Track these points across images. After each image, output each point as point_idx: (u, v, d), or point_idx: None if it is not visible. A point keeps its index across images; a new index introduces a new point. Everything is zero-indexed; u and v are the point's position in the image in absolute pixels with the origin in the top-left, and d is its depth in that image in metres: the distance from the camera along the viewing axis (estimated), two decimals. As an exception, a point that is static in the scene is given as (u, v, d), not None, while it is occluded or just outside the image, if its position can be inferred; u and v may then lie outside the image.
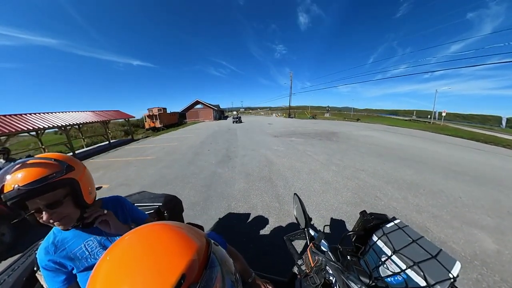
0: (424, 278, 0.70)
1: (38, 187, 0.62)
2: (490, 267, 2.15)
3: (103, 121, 12.89)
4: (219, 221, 3.12)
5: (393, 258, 0.80)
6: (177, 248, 0.37)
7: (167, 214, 1.58)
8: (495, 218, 3.08)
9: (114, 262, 0.35)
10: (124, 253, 0.36)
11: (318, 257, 0.65)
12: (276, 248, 2.44)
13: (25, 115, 8.96)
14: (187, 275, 0.33)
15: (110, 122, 14.97)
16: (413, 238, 0.88)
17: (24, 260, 1.04)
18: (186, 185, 4.72)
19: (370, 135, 12.11)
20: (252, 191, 4.17)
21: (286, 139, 10.87)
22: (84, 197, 0.75)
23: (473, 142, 11.06)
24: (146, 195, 1.82)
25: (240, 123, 25.97)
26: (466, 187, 4.26)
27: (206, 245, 0.41)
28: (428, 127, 19.79)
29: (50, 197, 0.66)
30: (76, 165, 0.75)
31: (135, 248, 0.37)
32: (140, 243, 0.38)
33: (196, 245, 0.39)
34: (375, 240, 0.91)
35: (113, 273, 0.33)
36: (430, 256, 0.78)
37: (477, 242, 2.55)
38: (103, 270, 0.35)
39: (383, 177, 4.78)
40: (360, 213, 1.11)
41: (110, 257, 0.36)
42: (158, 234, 0.40)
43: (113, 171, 6.45)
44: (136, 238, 0.40)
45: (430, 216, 3.14)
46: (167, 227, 0.42)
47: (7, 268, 1.00)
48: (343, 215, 3.14)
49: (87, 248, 0.81)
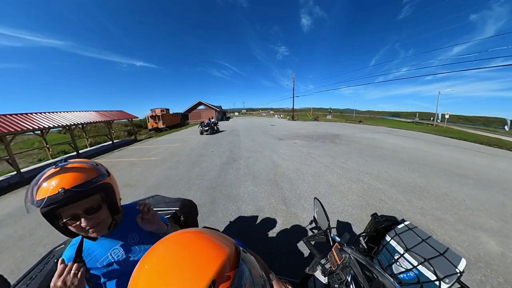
0: (434, 272, 0.78)
1: (85, 190, 0.63)
2: (494, 269, 2.20)
3: (107, 121, 13.04)
4: (227, 223, 3.19)
5: (405, 256, 0.89)
6: (208, 255, 0.39)
7: (183, 219, 1.58)
8: (499, 221, 3.12)
9: (152, 271, 0.37)
10: (160, 261, 0.39)
11: (345, 254, 0.72)
12: (285, 250, 2.51)
13: (31, 114, 9.10)
14: (217, 280, 0.35)
15: (114, 122, 15.12)
16: (422, 237, 0.96)
17: (42, 268, 0.98)
18: (191, 186, 4.79)
19: (373, 138, 12.13)
20: (259, 193, 4.24)
21: (290, 142, 10.93)
22: (117, 202, 0.77)
23: (477, 144, 11.04)
24: (161, 199, 1.82)
25: (214, 133, 15.88)
26: (470, 191, 4.29)
27: (235, 252, 0.43)
28: (431, 129, 19.74)
29: (90, 201, 0.67)
30: (107, 171, 0.77)
31: (170, 256, 0.40)
32: (174, 250, 0.41)
33: (226, 252, 0.41)
34: (388, 240, 0.98)
35: (151, 281, 0.36)
36: (438, 254, 0.85)
37: (481, 245, 2.59)
38: (142, 278, 0.37)
39: (387, 180, 4.83)
40: (372, 216, 1.19)
41: (148, 265, 0.39)
42: (190, 242, 0.43)
43: (117, 172, 6.54)
44: (170, 245, 0.43)
45: (434, 218, 3.19)
46: (198, 234, 0.45)
47: (23, 277, 0.94)
48: (349, 217, 3.20)
49: (113, 256, 0.80)
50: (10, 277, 2.29)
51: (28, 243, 3.02)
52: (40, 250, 2.82)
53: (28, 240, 3.09)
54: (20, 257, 2.72)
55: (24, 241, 3.07)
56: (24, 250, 2.86)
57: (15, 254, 2.80)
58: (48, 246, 2.90)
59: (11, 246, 3.00)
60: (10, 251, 2.87)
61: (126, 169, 6.82)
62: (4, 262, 2.64)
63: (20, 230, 3.42)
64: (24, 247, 2.93)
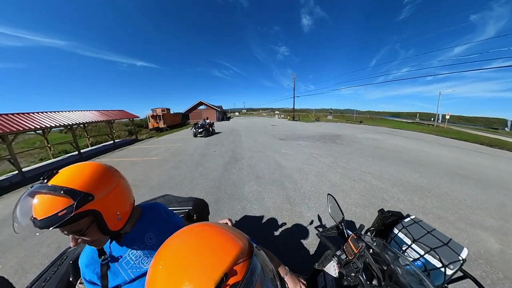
0: (440, 260, 0.87)
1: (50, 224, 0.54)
2: (493, 265, 2.27)
3: (108, 120, 13.07)
4: (233, 222, 3.26)
5: (413, 246, 0.97)
6: (221, 249, 0.39)
7: (196, 218, 1.59)
8: (499, 220, 3.19)
9: (168, 268, 0.37)
10: (176, 253, 0.39)
11: (361, 243, 0.78)
12: (292, 248, 2.58)
13: (32, 114, 9.09)
14: (229, 274, 0.35)
15: (115, 121, 15.17)
16: (428, 230, 1.04)
17: (56, 269, 0.97)
18: (195, 186, 4.85)
19: (374, 138, 12.21)
20: (264, 193, 4.31)
21: (292, 142, 11.00)
22: (108, 226, 0.66)
23: (477, 145, 11.11)
24: (172, 199, 1.84)
25: (209, 135, 14.56)
26: (470, 190, 4.36)
27: (249, 248, 0.43)
28: (432, 130, 19.81)
29: (72, 227, 0.60)
30: (98, 190, 0.63)
31: (185, 250, 0.40)
32: (187, 243, 0.41)
33: (240, 246, 0.41)
34: (396, 233, 1.07)
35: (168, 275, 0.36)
36: (442, 243, 0.94)
37: (481, 242, 2.66)
38: (159, 275, 0.37)
39: (389, 180, 4.90)
40: (379, 211, 1.26)
41: (161, 265, 0.39)
42: (204, 234, 0.43)
43: (120, 172, 6.58)
44: (184, 239, 0.43)
45: (435, 217, 3.26)
46: (212, 227, 0.45)
47: (37, 279, 0.92)
48: (352, 216, 3.27)
49: (131, 257, 0.78)
50: (14, 277, 2.35)
51: (32, 243, 3.00)
52: (44, 250, 2.81)
53: (32, 240, 3.06)
54: (24, 257, 2.70)
55: (27, 241, 3.05)
56: (27, 250, 2.84)
57: (18, 254, 2.78)
58: (51, 246, 2.89)
59: (14, 246, 2.97)
60: (14, 251, 2.85)
61: (128, 168, 6.86)
62: (8, 262, 2.62)
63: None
64: (28, 247, 2.90)
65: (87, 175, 0.63)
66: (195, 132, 14.05)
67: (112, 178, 0.71)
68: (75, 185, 0.59)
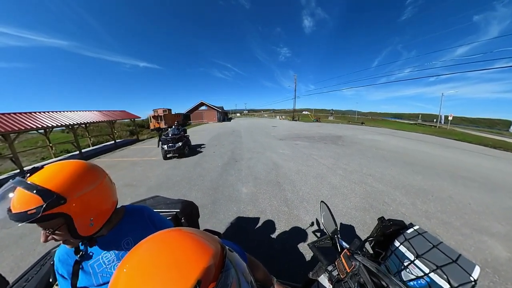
0: (448, 281, 0.75)
1: (20, 220, 0.56)
2: (502, 275, 2.14)
3: (109, 120, 13.10)
4: (229, 225, 3.16)
5: (416, 262, 0.85)
6: (193, 254, 0.37)
7: (184, 221, 1.54)
8: (506, 225, 3.05)
9: (131, 273, 0.35)
10: (141, 262, 0.37)
11: (354, 262, 0.68)
12: (286, 253, 2.47)
13: (34, 114, 9.11)
14: (203, 280, 0.33)
15: (116, 122, 15.20)
16: (433, 243, 0.92)
17: (38, 269, 0.96)
18: (193, 187, 4.76)
19: (376, 139, 12.05)
20: (260, 194, 4.21)
21: (292, 142, 10.89)
22: (78, 231, 0.64)
23: (481, 147, 10.92)
24: (161, 200, 1.77)
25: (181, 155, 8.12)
26: (475, 194, 4.22)
27: (221, 251, 0.41)
28: (434, 131, 19.58)
29: (44, 225, 0.61)
30: (73, 192, 0.61)
31: (151, 256, 0.37)
32: (155, 250, 0.38)
33: (211, 251, 0.39)
34: (397, 246, 0.95)
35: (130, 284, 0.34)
36: (451, 261, 0.82)
37: (488, 249, 2.54)
38: (121, 282, 0.35)
39: (391, 182, 4.77)
40: (378, 219, 1.14)
41: (127, 268, 0.37)
42: (173, 241, 0.40)
43: (119, 171, 6.54)
44: (151, 246, 0.40)
45: (439, 222, 3.13)
46: (182, 233, 0.43)
47: (20, 279, 0.92)
48: (352, 220, 3.16)
49: (104, 260, 0.76)
50: (10, 275, 2.29)
51: (29, 241, 3.02)
52: (40, 248, 2.81)
53: (29, 238, 3.09)
54: (20, 256, 2.72)
55: (24, 240, 3.07)
56: (24, 249, 2.86)
57: (15, 252, 2.80)
58: (47, 245, 2.86)
59: (11, 244, 2.99)
60: (10, 249, 2.87)
61: (128, 168, 6.83)
62: (4, 260, 2.64)
63: (21, 228, 3.41)
64: (24, 246, 2.92)
65: (66, 175, 0.62)
66: (165, 152, 7.94)
67: (92, 180, 0.68)
68: (51, 185, 0.58)
